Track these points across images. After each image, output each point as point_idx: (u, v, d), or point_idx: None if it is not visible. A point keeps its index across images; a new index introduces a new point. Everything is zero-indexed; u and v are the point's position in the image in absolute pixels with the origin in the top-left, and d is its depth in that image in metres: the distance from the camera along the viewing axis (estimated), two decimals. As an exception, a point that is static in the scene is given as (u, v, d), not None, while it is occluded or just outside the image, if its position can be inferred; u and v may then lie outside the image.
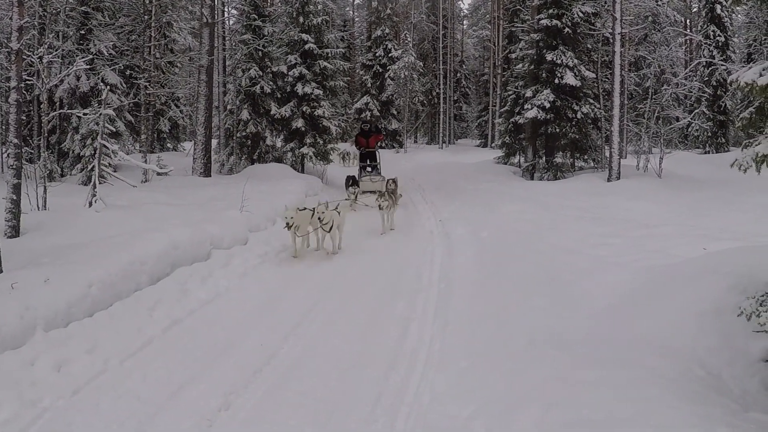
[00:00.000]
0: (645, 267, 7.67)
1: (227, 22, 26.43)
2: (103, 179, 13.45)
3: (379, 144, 20.87)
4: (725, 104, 30.03)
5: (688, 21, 40.52)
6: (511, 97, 25.48)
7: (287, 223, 10.42)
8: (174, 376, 5.92)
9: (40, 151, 14.23)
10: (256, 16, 22.00)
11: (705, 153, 29.81)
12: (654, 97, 23.12)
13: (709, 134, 30.48)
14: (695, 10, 38.70)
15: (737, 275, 5.77)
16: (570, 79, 20.10)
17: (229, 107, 22.91)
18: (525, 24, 26.49)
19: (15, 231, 9.81)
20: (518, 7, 34.17)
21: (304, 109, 21.85)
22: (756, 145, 4.69)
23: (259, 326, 7.38)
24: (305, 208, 11.16)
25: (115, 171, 14.88)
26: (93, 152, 13.94)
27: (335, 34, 25.54)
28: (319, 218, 10.54)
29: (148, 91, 20.63)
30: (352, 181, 17.35)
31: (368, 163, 20.27)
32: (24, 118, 12.42)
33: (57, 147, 19.42)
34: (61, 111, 17.24)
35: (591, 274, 7.82)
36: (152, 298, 7.79)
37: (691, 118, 26.70)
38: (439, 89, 44.84)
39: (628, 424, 4.13)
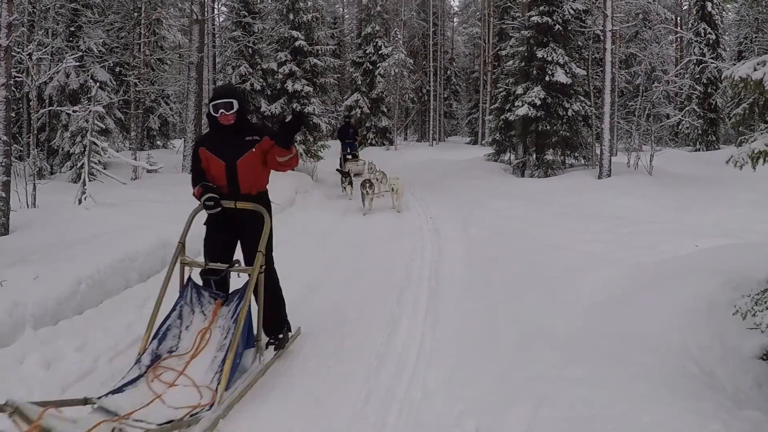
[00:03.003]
0: (635, 264, 7.67)
1: (217, 19, 26.41)
2: (93, 176, 13.39)
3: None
4: (716, 102, 30.14)
5: (678, 18, 40.64)
6: (501, 94, 25.53)
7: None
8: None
9: (29, 149, 14.16)
10: (246, 13, 21.94)
11: (695, 150, 29.94)
12: (645, 94, 23.14)
13: (700, 132, 30.63)
14: (686, 7, 38.76)
15: (729, 272, 5.77)
16: (561, 76, 20.13)
17: (219, 104, 22.80)
18: (515, 21, 26.55)
19: (4, 229, 9.75)
20: (509, 4, 34.15)
21: (294, 106, 21.80)
22: (752, 142, 4.70)
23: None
24: None
25: (104, 168, 14.84)
26: (82, 150, 13.90)
27: (325, 31, 25.46)
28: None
29: (137, 89, 20.54)
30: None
31: None
32: (13, 115, 12.34)
33: (46, 144, 19.35)
34: (51, 108, 17.16)
35: (581, 271, 7.82)
36: (142, 296, 7.68)
37: (682, 116, 26.77)
38: (430, 86, 44.88)
39: (621, 420, 4.11)
